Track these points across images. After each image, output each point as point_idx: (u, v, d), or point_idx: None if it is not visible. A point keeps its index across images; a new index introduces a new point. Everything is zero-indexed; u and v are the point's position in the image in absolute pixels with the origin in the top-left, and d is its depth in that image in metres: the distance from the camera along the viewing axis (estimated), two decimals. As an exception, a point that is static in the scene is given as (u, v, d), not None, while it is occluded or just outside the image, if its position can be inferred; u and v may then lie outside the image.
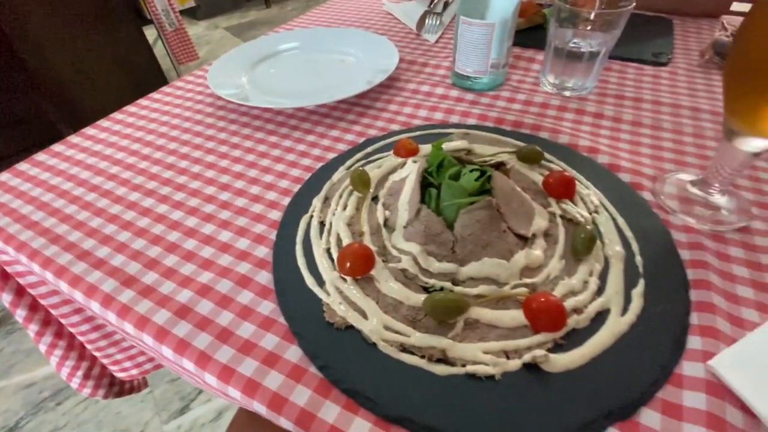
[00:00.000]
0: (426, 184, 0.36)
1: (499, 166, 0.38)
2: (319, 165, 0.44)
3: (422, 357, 0.27)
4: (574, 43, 0.51)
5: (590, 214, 0.36)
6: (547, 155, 0.42)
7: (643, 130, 0.47)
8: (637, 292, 0.30)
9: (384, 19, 0.80)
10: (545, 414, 0.24)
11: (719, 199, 0.36)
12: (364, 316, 0.29)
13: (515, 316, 0.28)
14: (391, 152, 0.44)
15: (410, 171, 0.38)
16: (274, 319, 0.30)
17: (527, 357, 0.26)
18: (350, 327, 0.29)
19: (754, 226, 0.35)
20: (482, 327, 0.28)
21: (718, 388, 0.25)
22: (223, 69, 0.61)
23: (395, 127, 0.50)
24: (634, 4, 0.46)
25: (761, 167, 0.41)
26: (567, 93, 0.54)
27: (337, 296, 0.30)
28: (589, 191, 0.38)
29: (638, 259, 0.32)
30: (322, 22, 0.80)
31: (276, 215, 0.39)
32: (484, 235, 0.32)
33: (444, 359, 0.27)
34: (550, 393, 0.25)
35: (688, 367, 0.26)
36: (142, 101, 0.58)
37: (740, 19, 0.63)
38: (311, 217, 0.37)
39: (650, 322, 0.28)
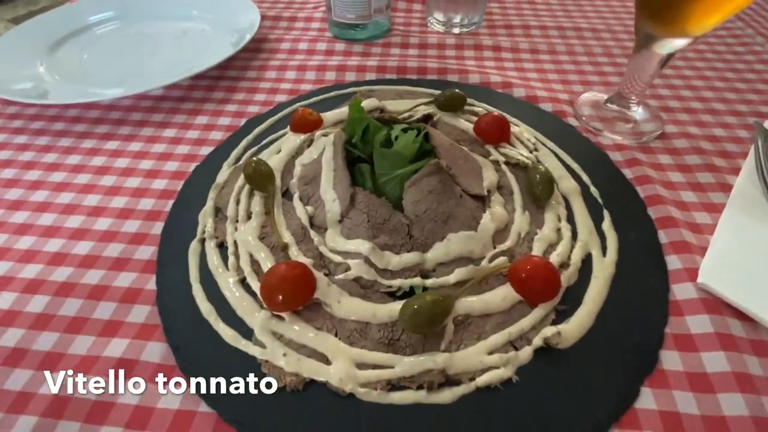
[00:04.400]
0: (352, 160, 0.27)
1: (427, 119, 0.31)
2: (193, 166, 0.32)
3: (420, 388, 0.20)
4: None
5: (531, 152, 0.32)
6: (467, 99, 0.37)
7: (542, 57, 0.45)
8: (607, 226, 0.27)
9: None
10: (580, 399, 0.20)
11: (636, 112, 0.36)
12: (325, 360, 0.21)
13: (506, 295, 0.23)
14: (288, 129, 0.34)
15: (324, 147, 0.29)
16: (192, 411, 0.20)
17: (537, 341, 0.21)
18: (311, 382, 0.20)
19: (668, 130, 0.36)
20: (475, 321, 0.22)
21: (713, 304, 0.23)
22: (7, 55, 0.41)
23: (281, 98, 0.39)
24: None
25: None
26: (456, 30, 0.49)
27: (278, 346, 0.21)
28: (521, 128, 0.34)
29: (593, 189, 0.30)
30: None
31: (147, 252, 0.26)
32: (441, 206, 0.25)
33: (447, 381, 0.20)
34: (573, 373, 0.21)
35: (679, 291, 0.24)
36: None
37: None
38: (203, 241, 0.26)
39: (630, 254, 0.26)
